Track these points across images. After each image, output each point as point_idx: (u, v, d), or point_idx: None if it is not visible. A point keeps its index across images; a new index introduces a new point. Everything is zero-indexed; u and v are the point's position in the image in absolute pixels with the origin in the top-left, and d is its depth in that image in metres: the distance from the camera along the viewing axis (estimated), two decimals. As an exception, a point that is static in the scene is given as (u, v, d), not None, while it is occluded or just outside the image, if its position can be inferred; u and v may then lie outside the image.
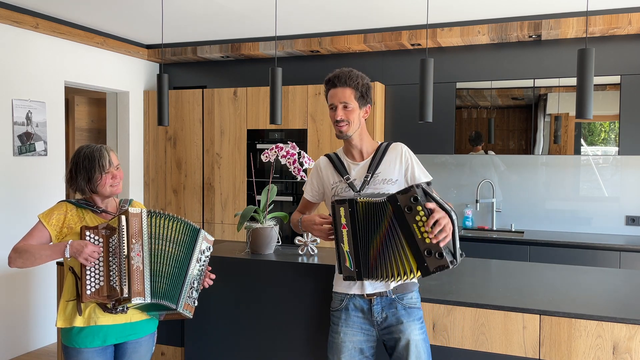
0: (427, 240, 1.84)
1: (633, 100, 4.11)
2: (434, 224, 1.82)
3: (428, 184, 2.00)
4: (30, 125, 4.22)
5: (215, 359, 2.77)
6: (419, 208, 1.84)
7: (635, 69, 4.16)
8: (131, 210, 2.06)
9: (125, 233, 2.03)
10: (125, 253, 2.02)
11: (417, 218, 1.85)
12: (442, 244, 1.83)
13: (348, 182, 2.17)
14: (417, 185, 1.88)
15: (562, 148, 4.25)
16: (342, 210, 1.96)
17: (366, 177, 2.15)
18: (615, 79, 4.14)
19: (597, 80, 4.14)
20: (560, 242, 4.02)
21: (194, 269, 2.15)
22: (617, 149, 4.12)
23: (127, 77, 5.25)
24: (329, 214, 2.07)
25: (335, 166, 2.24)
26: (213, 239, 2.26)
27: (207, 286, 2.26)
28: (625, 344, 2.12)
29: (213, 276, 2.29)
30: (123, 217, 2.04)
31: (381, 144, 2.26)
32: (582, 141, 4.21)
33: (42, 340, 4.39)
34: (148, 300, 2.04)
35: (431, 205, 1.86)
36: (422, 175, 2.19)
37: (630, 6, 3.91)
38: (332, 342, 2.16)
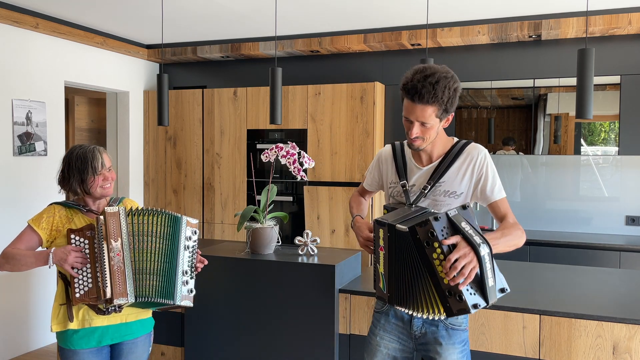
0: (446, 281, 1.65)
1: (633, 100, 4.11)
2: (452, 265, 1.62)
3: (464, 207, 1.75)
4: (30, 125, 4.22)
5: (215, 359, 2.77)
6: (436, 245, 1.65)
7: (635, 69, 4.16)
8: (108, 209, 2.03)
9: (103, 233, 2.02)
10: (106, 254, 2.00)
11: (435, 256, 1.66)
12: (460, 287, 1.63)
13: (404, 188, 1.97)
14: (437, 218, 1.65)
15: (562, 148, 4.25)
16: (381, 232, 1.83)
17: (424, 188, 1.92)
18: (615, 79, 4.14)
19: (597, 80, 4.14)
20: (560, 242, 4.02)
21: (184, 257, 2.10)
22: (617, 149, 4.12)
23: (127, 77, 5.25)
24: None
25: (397, 165, 2.03)
26: (197, 221, 2.18)
27: (199, 269, 2.18)
28: (625, 344, 2.12)
29: (205, 261, 2.20)
30: (101, 218, 2.03)
31: (456, 143, 1.98)
32: (582, 141, 4.21)
33: (42, 340, 4.39)
34: (132, 300, 2.01)
35: (452, 240, 1.64)
36: (495, 191, 1.92)
37: (630, 6, 3.91)
38: (368, 343, 2.07)
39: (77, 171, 2.13)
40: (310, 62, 5.14)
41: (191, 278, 2.11)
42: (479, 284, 1.68)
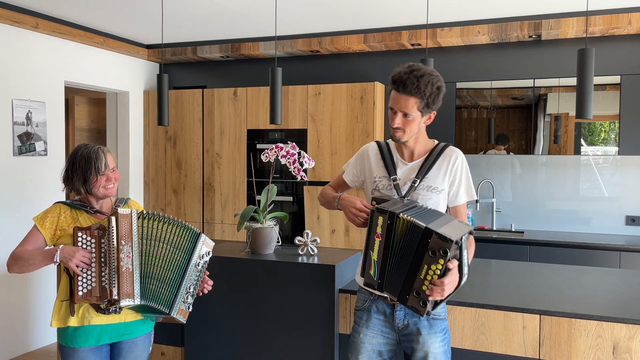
0: (424, 287, 1.81)
1: (633, 100, 4.11)
2: (440, 283, 1.79)
3: (470, 233, 1.91)
4: (30, 125, 4.22)
5: (215, 359, 2.77)
6: (441, 261, 1.78)
7: (635, 69, 4.16)
8: (121, 211, 2.05)
9: (114, 234, 2.03)
10: (115, 254, 2.02)
11: (433, 267, 1.79)
12: (430, 298, 1.81)
13: (395, 182, 2.07)
14: (457, 242, 1.78)
15: (562, 148, 4.25)
16: (380, 220, 1.88)
17: (414, 182, 2.04)
18: (615, 79, 4.14)
19: (597, 80, 4.14)
20: (560, 242, 4.02)
21: (192, 273, 2.12)
22: (617, 149, 4.12)
23: (127, 77, 5.25)
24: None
25: (385, 160, 2.12)
26: (213, 243, 2.22)
27: (206, 292, 2.21)
28: (625, 344, 2.12)
29: (211, 282, 2.23)
30: (113, 218, 2.04)
31: (437, 145, 2.12)
32: (582, 141, 4.21)
33: (43, 340, 4.39)
34: (137, 302, 2.03)
35: (452, 265, 1.80)
36: (464, 196, 2.08)
37: (630, 6, 3.91)
38: (352, 342, 2.13)
39: (80, 171, 2.15)
40: (310, 62, 5.14)
41: (192, 296, 2.14)
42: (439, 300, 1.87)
